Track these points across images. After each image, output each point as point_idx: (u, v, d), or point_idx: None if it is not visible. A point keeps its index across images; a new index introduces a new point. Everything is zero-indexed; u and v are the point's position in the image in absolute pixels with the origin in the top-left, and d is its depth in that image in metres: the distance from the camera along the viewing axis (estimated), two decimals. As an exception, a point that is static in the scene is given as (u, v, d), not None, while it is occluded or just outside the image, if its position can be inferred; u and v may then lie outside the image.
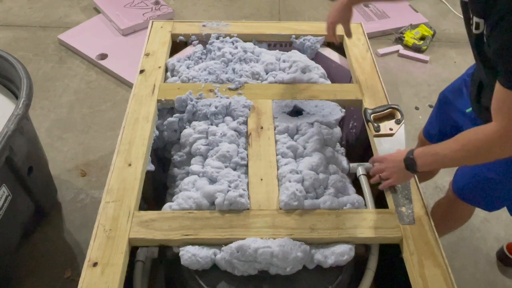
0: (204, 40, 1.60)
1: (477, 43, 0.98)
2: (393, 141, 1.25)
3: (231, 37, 1.58)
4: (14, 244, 1.62)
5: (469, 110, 1.28)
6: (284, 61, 1.52)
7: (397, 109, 1.29)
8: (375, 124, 1.27)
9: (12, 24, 2.89)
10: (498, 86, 0.90)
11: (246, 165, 1.20)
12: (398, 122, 1.27)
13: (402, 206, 1.12)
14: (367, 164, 1.27)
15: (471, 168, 1.26)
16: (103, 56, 2.63)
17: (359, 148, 1.50)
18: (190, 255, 1.01)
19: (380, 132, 1.26)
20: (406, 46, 2.90)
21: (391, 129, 1.26)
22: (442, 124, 1.46)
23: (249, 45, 1.56)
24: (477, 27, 0.94)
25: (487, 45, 0.92)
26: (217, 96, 1.36)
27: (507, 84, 0.87)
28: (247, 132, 1.28)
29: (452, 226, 1.56)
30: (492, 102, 0.94)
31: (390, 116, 1.30)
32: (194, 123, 1.32)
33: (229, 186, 1.12)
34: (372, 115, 1.28)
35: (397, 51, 2.85)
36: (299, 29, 1.63)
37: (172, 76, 1.48)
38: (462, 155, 0.99)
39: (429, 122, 1.56)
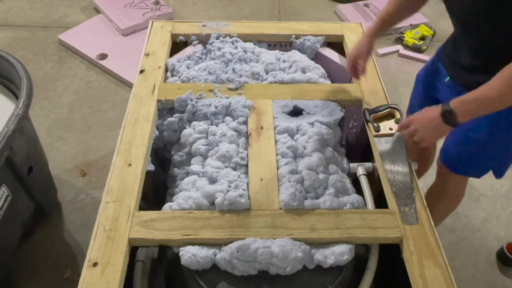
0: (204, 40, 1.60)
1: None
2: (393, 141, 1.25)
3: (231, 37, 1.58)
4: (14, 244, 1.62)
5: (447, 79, 1.30)
6: (284, 61, 1.51)
7: (396, 109, 1.29)
8: (375, 124, 1.27)
9: (12, 24, 2.89)
10: None
11: (246, 165, 1.20)
12: (397, 121, 1.27)
13: (405, 206, 1.11)
14: (367, 164, 1.28)
15: (456, 135, 1.25)
16: (103, 56, 2.63)
17: (359, 148, 1.50)
18: (190, 255, 1.01)
19: (380, 132, 1.26)
20: (406, 46, 2.90)
21: (391, 129, 1.26)
22: (423, 100, 1.49)
23: (249, 45, 1.56)
24: None
25: None
26: (217, 96, 1.36)
27: None
28: (247, 132, 1.28)
29: (447, 206, 1.57)
30: None
31: (390, 115, 1.30)
32: (194, 123, 1.32)
33: (229, 186, 1.12)
34: (372, 115, 1.28)
35: (397, 51, 2.86)
36: (299, 29, 1.63)
37: (172, 76, 1.48)
38: (509, 91, 0.96)
39: (411, 104, 1.59)
